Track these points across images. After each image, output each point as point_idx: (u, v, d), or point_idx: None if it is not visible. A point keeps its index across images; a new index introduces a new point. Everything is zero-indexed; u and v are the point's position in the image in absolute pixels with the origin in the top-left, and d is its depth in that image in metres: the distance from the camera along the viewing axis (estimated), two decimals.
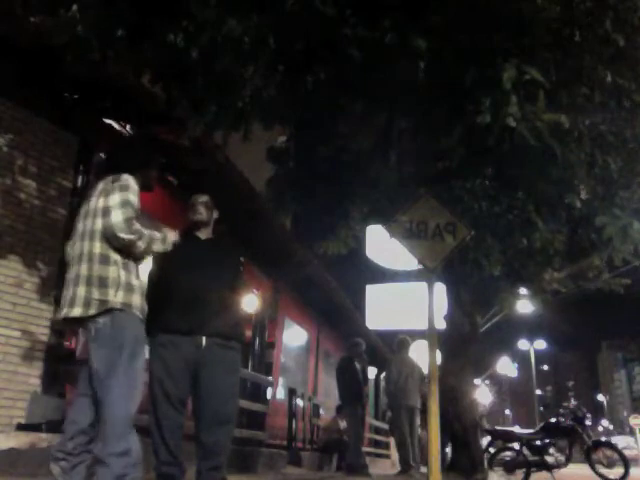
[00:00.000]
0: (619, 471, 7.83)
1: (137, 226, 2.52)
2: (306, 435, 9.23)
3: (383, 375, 10.06)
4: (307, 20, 3.71)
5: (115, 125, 5.64)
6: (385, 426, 12.80)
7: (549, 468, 7.56)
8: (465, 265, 6.32)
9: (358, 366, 7.64)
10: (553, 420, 8.15)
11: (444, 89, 4.16)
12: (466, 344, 6.88)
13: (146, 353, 2.62)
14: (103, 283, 2.46)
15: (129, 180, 2.61)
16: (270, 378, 8.31)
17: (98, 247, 2.51)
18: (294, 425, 8.49)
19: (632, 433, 36.37)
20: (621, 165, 5.13)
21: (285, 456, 7.32)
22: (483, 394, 31.01)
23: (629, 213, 5.27)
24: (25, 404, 4.41)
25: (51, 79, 4.70)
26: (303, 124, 5.15)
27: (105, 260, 2.49)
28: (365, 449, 9.43)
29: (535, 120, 3.84)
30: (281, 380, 10.31)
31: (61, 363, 4.74)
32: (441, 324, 6.39)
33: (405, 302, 9.92)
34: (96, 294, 2.45)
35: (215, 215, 3.44)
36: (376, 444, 13.87)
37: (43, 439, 3.73)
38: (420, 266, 4.73)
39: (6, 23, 4.10)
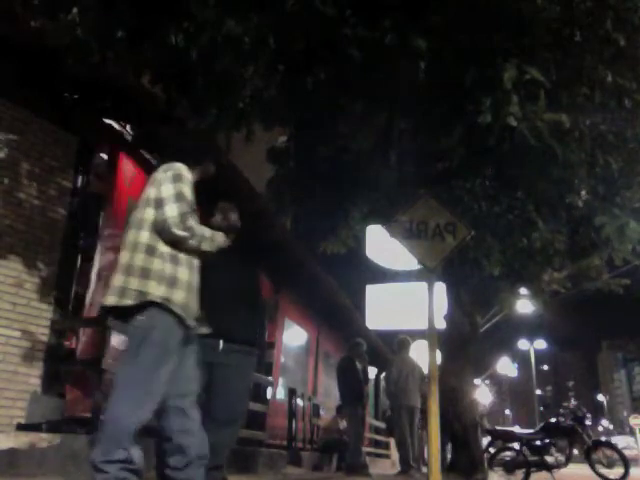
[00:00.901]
0: (619, 471, 7.82)
1: (191, 222, 2.40)
2: (306, 435, 9.22)
3: (383, 375, 10.07)
4: (307, 20, 3.71)
5: (115, 125, 5.64)
6: (385, 426, 12.80)
7: (549, 468, 7.55)
8: (465, 265, 6.31)
9: (359, 366, 7.63)
10: (553, 420, 8.14)
11: (444, 89, 4.17)
12: (466, 344, 6.88)
13: (172, 360, 2.41)
14: (145, 274, 2.32)
15: (182, 170, 2.51)
16: (270, 378, 8.31)
17: (146, 237, 2.39)
18: (294, 425, 8.48)
19: (632, 433, 36.36)
20: (622, 165, 5.12)
21: (285, 456, 7.31)
22: (483, 394, 31.02)
23: (627, 213, 5.27)
24: (25, 404, 4.40)
25: (51, 79, 4.69)
26: (303, 124, 5.15)
27: (151, 251, 2.37)
28: (365, 449, 9.42)
29: (536, 120, 3.84)
30: (281, 380, 10.31)
31: (61, 363, 4.74)
32: (441, 324, 6.38)
33: (405, 302, 9.91)
34: (135, 284, 2.32)
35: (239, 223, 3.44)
36: (376, 444, 13.86)
37: (43, 439, 3.72)
38: (420, 266, 4.73)
39: (6, 23, 4.10)
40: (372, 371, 14.20)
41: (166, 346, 2.35)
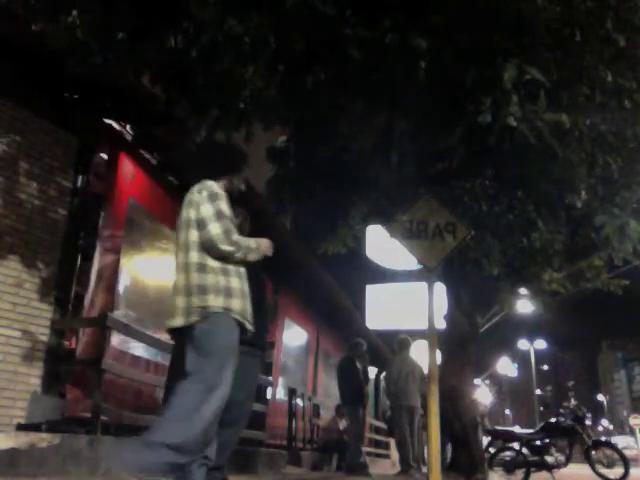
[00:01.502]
0: (619, 471, 7.81)
1: (235, 237, 2.57)
2: (306, 435, 9.22)
3: (383, 375, 10.07)
4: (307, 20, 3.71)
5: (115, 125, 5.64)
6: (385, 426, 12.80)
7: (549, 468, 7.54)
8: (465, 265, 6.31)
9: (359, 366, 7.63)
10: (553, 420, 8.13)
11: (444, 89, 4.16)
12: (466, 344, 6.86)
13: (235, 361, 2.59)
14: (203, 290, 2.49)
15: (215, 187, 2.66)
16: (270, 378, 8.31)
17: (195, 257, 2.54)
18: (294, 425, 8.48)
19: (632, 433, 36.35)
20: (621, 165, 5.12)
21: (285, 456, 7.31)
22: (483, 394, 31.02)
23: (627, 213, 5.27)
24: (25, 404, 4.40)
25: (51, 79, 4.70)
26: (303, 124, 5.14)
27: (202, 268, 2.53)
28: (365, 449, 9.41)
29: (536, 120, 3.84)
30: (281, 380, 10.30)
31: (61, 363, 4.74)
32: (441, 324, 6.38)
33: (405, 302, 9.93)
34: (196, 302, 2.48)
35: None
36: (376, 444, 13.86)
37: (43, 439, 3.72)
38: (420, 266, 4.73)
39: (7, 24, 4.10)
40: (372, 371, 14.19)
41: (231, 346, 2.52)
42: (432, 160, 5.54)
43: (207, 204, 2.58)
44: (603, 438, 13.66)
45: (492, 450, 8.57)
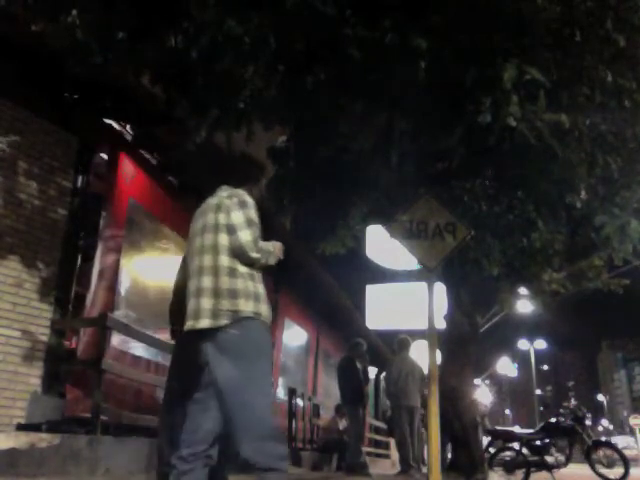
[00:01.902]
0: (619, 471, 7.81)
1: (261, 244, 2.64)
2: (306, 435, 9.22)
3: (383, 375, 10.06)
4: (307, 20, 3.71)
5: (115, 125, 5.65)
6: (385, 426, 12.80)
7: (549, 468, 7.55)
8: (465, 265, 6.31)
9: (359, 366, 7.64)
10: (553, 420, 8.14)
11: (444, 89, 4.16)
12: (466, 344, 6.86)
13: (272, 363, 2.70)
14: (233, 294, 2.52)
15: (246, 196, 2.71)
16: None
17: (226, 261, 2.58)
18: (294, 425, 8.48)
19: (632, 433, 36.36)
20: (621, 165, 5.12)
21: None
22: (483, 394, 31.02)
23: (628, 212, 5.27)
24: (25, 404, 4.40)
25: (51, 79, 4.70)
26: (303, 124, 5.14)
27: (233, 273, 2.56)
28: (365, 449, 9.41)
29: (535, 120, 3.84)
30: (281, 380, 10.30)
31: (61, 363, 4.74)
32: (441, 324, 6.38)
33: (405, 302, 9.92)
34: (226, 305, 2.50)
35: None
36: (376, 444, 13.86)
37: (43, 439, 3.72)
38: (420, 266, 4.73)
39: (6, 24, 4.10)
40: (372, 371, 14.19)
41: (267, 347, 2.61)
42: (432, 160, 5.54)
43: (237, 211, 2.62)
44: (603, 438, 13.66)
45: (492, 450, 8.57)
